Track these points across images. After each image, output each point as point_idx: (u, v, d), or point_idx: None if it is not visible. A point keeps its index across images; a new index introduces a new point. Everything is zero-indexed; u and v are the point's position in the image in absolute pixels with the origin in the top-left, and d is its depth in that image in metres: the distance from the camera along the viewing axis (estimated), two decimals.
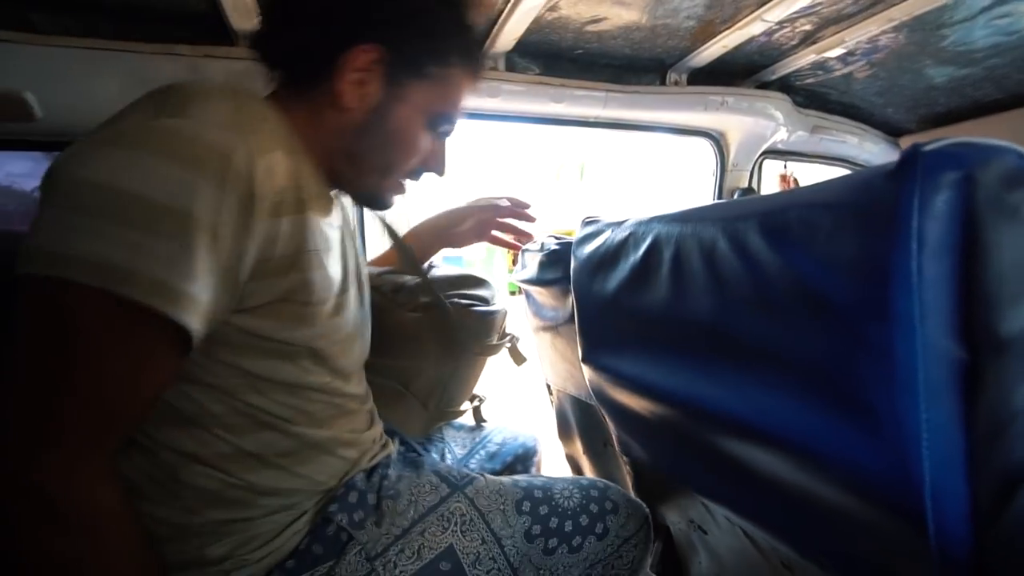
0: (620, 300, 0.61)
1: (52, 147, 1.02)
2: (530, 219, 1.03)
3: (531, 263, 0.97)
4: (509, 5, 0.95)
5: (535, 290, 0.99)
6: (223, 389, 0.56)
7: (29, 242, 0.43)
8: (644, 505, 0.74)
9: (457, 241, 1.01)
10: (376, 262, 1.02)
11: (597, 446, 1.01)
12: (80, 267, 0.42)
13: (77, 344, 0.44)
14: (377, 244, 1.14)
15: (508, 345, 0.93)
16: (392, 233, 0.87)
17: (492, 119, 1.29)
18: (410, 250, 0.86)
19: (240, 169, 0.47)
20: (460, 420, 1.02)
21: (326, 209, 0.63)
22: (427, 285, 0.85)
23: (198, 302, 0.46)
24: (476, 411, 0.99)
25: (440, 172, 0.72)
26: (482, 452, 0.97)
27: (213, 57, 0.94)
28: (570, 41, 1.15)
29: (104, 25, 0.90)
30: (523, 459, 1.01)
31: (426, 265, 0.97)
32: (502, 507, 0.69)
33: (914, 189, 0.30)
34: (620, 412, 0.69)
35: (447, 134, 0.69)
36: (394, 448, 0.80)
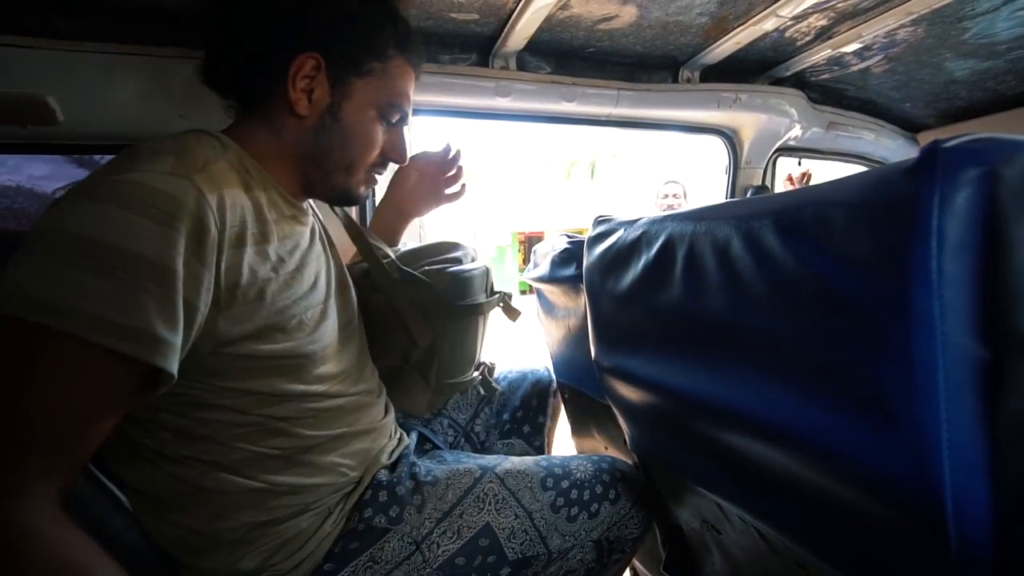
0: (633, 299, 0.61)
1: (73, 150, 1.04)
2: (457, 161, 1.04)
3: (543, 261, 0.97)
4: (520, 4, 0.95)
5: (547, 288, 0.99)
6: (234, 408, 0.59)
7: None
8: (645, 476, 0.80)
9: (414, 206, 1.02)
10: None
11: (609, 444, 1.01)
12: (36, 308, 0.44)
13: (23, 377, 0.45)
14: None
15: (499, 304, 0.92)
16: (346, 223, 0.87)
17: (503, 118, 1.29)
18: (360, 234, 0.86)
19: (190, 208, 0.50)
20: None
21: (296, 228, 0.67)
22: (379, 262, 0.85)
23: (151, 335, 0.47)
24: (484, 380, 0.99)
25: (401, 160, 0.77)
26: (486, 410, 0.99)
27: None
28: (581, 39, 1.15)
29: (123, 29, 0.92)
30: (539, 394, 1.04)
31: (400, 246, 0.99)
32: (529, 485, 0.76)
33: (934, 186, 0.30)
34: (633, 410, 0.69)
35: (402, 122, 0.74)
36: (411, 440, 0.83)
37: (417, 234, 1.64)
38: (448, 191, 1.03)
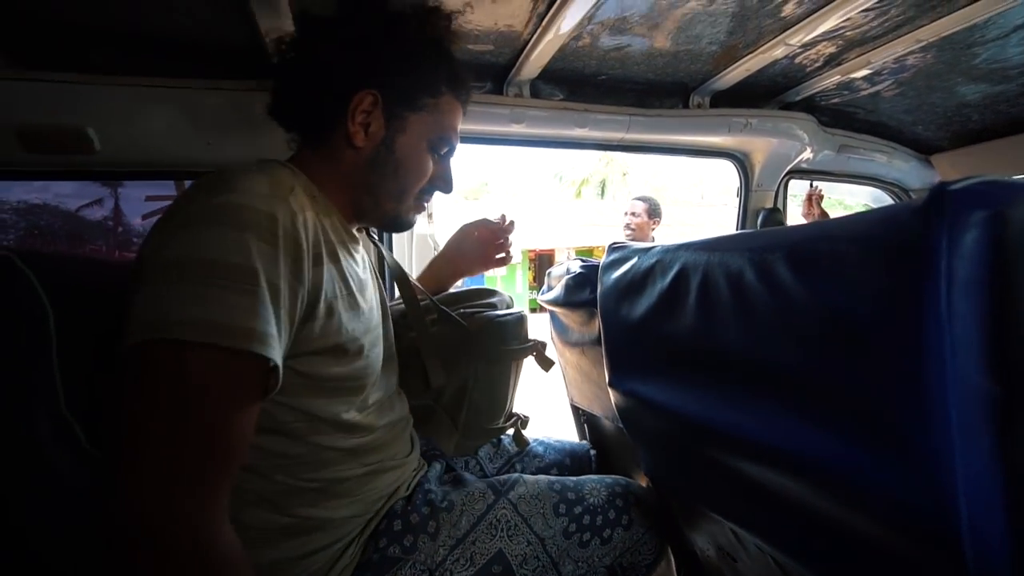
0: (647, 326, 0.62)
1: (108, 176, 1.08)
2: (511, 231, 1.09)
3: (556, 285, 0.98)
4: (535, 36, 0.99)
5: (561, 311, 1.00)
6: (283, 432, 0.61)
7: (131, 318, 0.49)
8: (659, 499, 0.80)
9: (466, 265, 1.08)
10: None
11: (622, 467, 1.01)
12: (180, 327, 0.47)
13: (191, 393, 0.48)
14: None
15: (532, 352, 0.92)
16: (392, 268, 0.91)
17: (518, 144, 1.32)
18: (402, 272, 0.91)
19: (287, 228, 0.54)
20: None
21: (354, 253, 0.71)
22: (416, 301, 0.89)
23: (276, 341, 0.52)
24: (517, 433, 0.99)
25: (447, 190, 0.80)
26: (518, 467, 0.98)
27: (255, 91, 1.00)
28: (594, 67, 1.18)
29: (156, 62, 0.97)
30: (572, 467, 1.01)
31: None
32: (542, 511, 0.76)
33: (942, 228, 0.31)
34: (647, 436, 0.69)
35: (449, 155, 0.79)
36: (436, 468, 0.84)
37: (431, 256, 1.67)
38: (497, 256, 1.08)
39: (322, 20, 0.70)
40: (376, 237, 0.91)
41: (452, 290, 1.05)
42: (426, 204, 0.80)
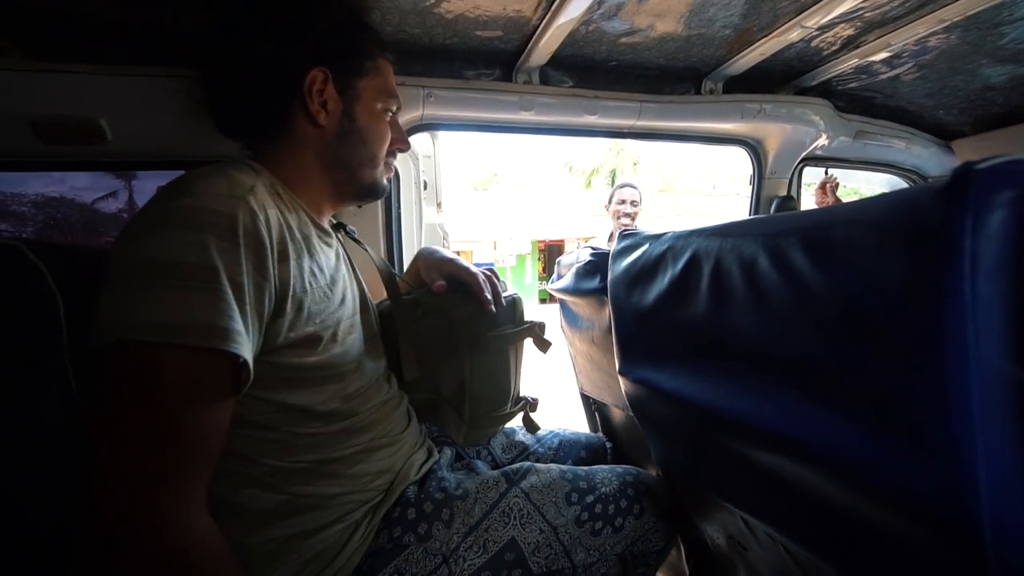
0: (658, 313, 0.61)
1: (120, 166, 1.09)
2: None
3: (567, 273, 0.98)
4: (544, 21, 0.97)
5: (571, 300, 1.00)
6: (265, 424, 0.62)
7: (96, 321, 0.51)
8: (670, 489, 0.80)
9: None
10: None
11: (633, 456, 1.01)
12: (141, 328, 0.49)
13: (154, 394, 0.50)
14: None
15: (528, 335, 0.91)
16: (378, 265, 0.92)
17: (527, 132, 1.31)
18: (387, 267, 0.92)
19: (247, 226, 0.55)
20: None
21: (324, 247, 0.73)
22: (399, 293, 0.90)
23: (243, 337, 0.53)
24: (526, 417, 0.98)
25: (405, 147, 0.85)
26: (532, 457, 0.98)
27: None
28: (604, 53, 1.16)
29: (168, 53, 0.97)
30: (587, 459, 1.01)
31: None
32: (554, 500, 0.77)
33: (967, 208, 0.30)
34: (657, 424, 0.69)
35: (396, 113, 0.82)
36: (445, 454, 0.84)
37: (441, 245, 1.67)
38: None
39: (249, 11, 0.70)
40: (355, 234, 0.91)
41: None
42: (392, 164, 0.84)
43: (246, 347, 0.53)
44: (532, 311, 0.94)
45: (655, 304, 0.62)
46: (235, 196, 0.56)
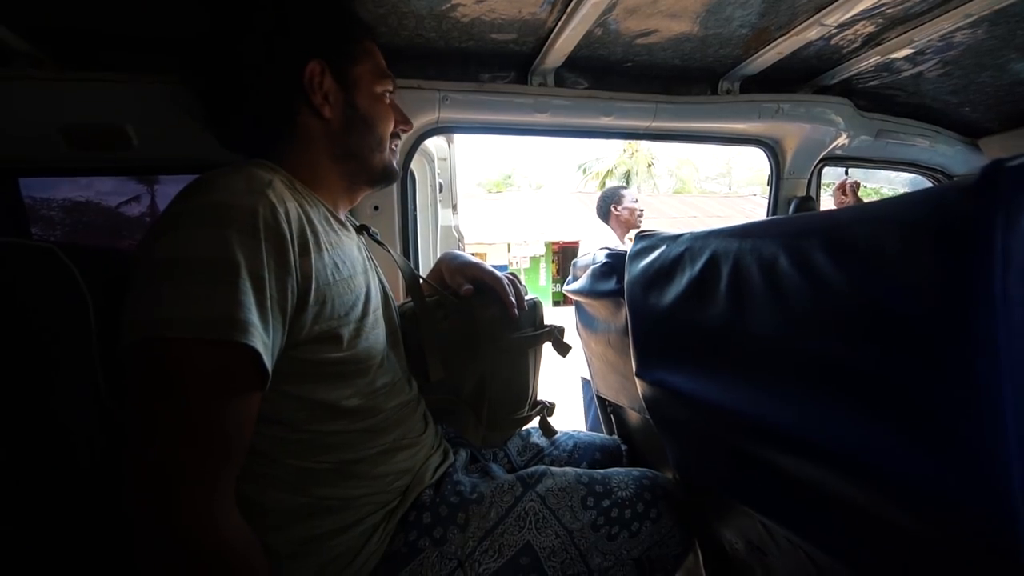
0: (676, 314, 0.61)
1: (145, 171, 1.12)
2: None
3: (582, 275, 0.97)
4: (559, 24, 0.97)
5: (587, 301, 0.99)
6: (288, 422, 0.62)
7: (123, 320, 0.52)
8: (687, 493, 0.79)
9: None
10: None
11: (649, 459, 1.00)
12: (164, 325, 0.50)
13: (181, 389, 0.50)
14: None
15: (547, 339, 0.91)
16: (401, 267, 0.93)
17: (542, 134, 1.31)
18: (410, 269, 0.93)
19: (268, 220, 0.56)
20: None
21: (344, 241, 0.72)
22: (422, 295, 0.90)
23: (262, 332, 0.53)
24: (543, 421, 0.98)
25: (408, 126, 0.85)
26: (547, 460, 0.98)
27: None
28: (619, 55, 1.16)
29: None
30: (603, 461, 1.00)
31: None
32: (570, 504, 0.76)
33: (998, 206, 0.29)
34: (675, 427, 0.68)
35: (392, 95, 0.82)
36: (461, 456, 0.84)
37: (456, 247, 1.68)
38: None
39: (233, 12, 0.70)
40: (378, 236, 0.92)
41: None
42: (397, 146, 0.84)
43: (261, 341, 0.53)
44: (546, 314, 0.94)
45: (673, 305, 0.61)
46: (254, 191, 0.57)
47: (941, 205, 0.33)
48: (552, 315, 0.91)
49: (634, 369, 0.72)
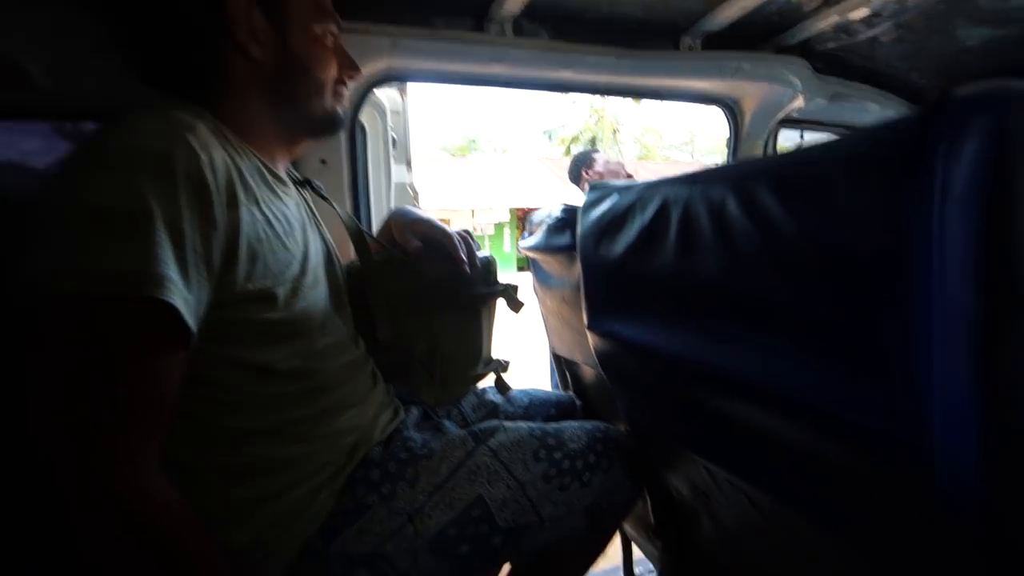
0: (626, 264, 0.60)
1: (50, 116, 1.00)
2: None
3: (538, 230, 0.95)
4: None
5: (542, 258, 0.98)
6: (220, 383, 0.59)
7: (23, 271, 0.47)
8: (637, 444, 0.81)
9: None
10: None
11: (603, 413, 1.01)
12: (73, 279, 0.45)
13: (93, 350, 0.46)
14: None
15: (500, 296, 0.89)
16: (348, 223, 0.88)
17: (499, 85, 1.25)
18: (356, 225, 0.88)
19: (188, 168, 0.50)
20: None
21: (280, 195, 0.67)
22: (369, 253, 0.86)
23: (179, 286, 0.48)
24: (498, 378, 0.97)
25: (355, 70, 0.77)
26: (502, 416, 0.98)
27: None
28: (580, 3, 1.11)
29: None
30: (558, 417, 1.01)
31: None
32: (522, 457, 0.75)
33: (940, 135, 0.28)
34: (625, 378, 0.68)
35: (335, 32, 0.74)
36: (412, 414, 0.83)
37: (411, 205, 1.62)
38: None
39: None
40: (324, 191, 0.87)
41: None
42: (344, 91, 0.77)
43: (185, 297, 0.49)
44: (511, 279, 0.92)
45: (624, 255, 0.60)
46: (173, 135, 0.51)
47: (886, 137, 0.32)
48: (517, 279, 0.89)
49: (585, 322, 0.71)
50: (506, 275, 0.93)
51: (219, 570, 0.54)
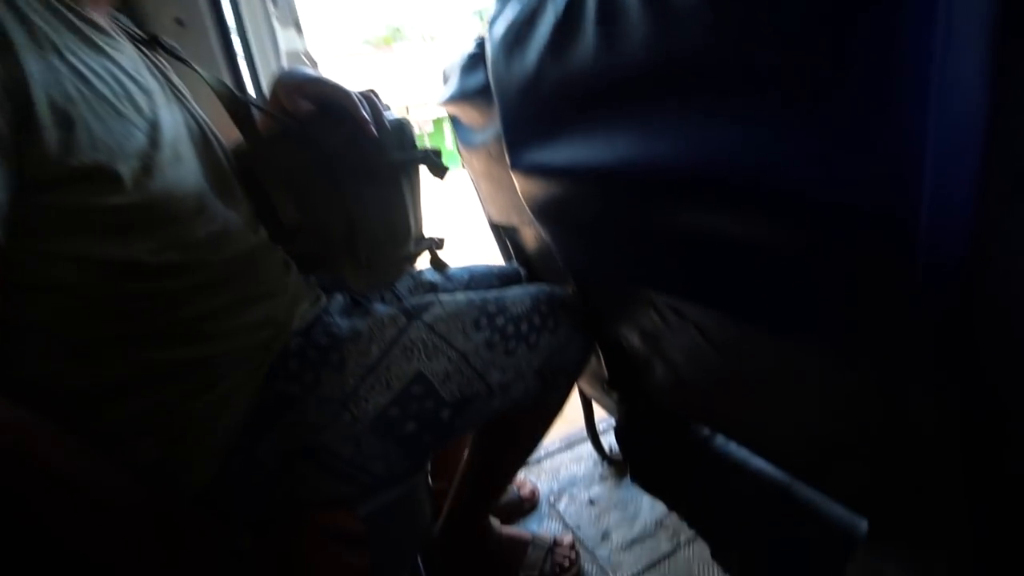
0: (542, 75, 0.48)
1: None
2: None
3: (452, 76, 0.81)
4: None
5: (461, 110, 0.84)
6: (75, 287, 0.49)
7: None
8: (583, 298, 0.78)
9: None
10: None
11: (549, 279, 0.96)
12: None
13: None
14: None
15: (420, 161, 0.79)
16: (217, 89, 0.71)
17: None
18: (226, 88, 0.72)
19: None
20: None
21: (102, 48, 0.54)
22: (252, 123, 0.72)
23: None
24: (433, 256, 0.90)
25: None
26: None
27: None
28: None
29: None
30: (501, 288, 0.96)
31: None
32: (461, 327, 0.71)
33: None
34: (556, 216, 0.60)
35: None
36: (337, 300, 0.75)
37: None
38: None
39: None
40: (178, 51, 0.69)
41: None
42: None
43: None
44: (456, 177, 0.79)
45: (538, 64, 0.49)
46: None
47: None
48: (462, 176, 0.76)
49: (508, 162, 0.61)
50: (449, 174, 0.81)
51: (107, 488, 0.48)
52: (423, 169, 0.83)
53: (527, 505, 1.26)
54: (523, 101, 0.53)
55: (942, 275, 0.27)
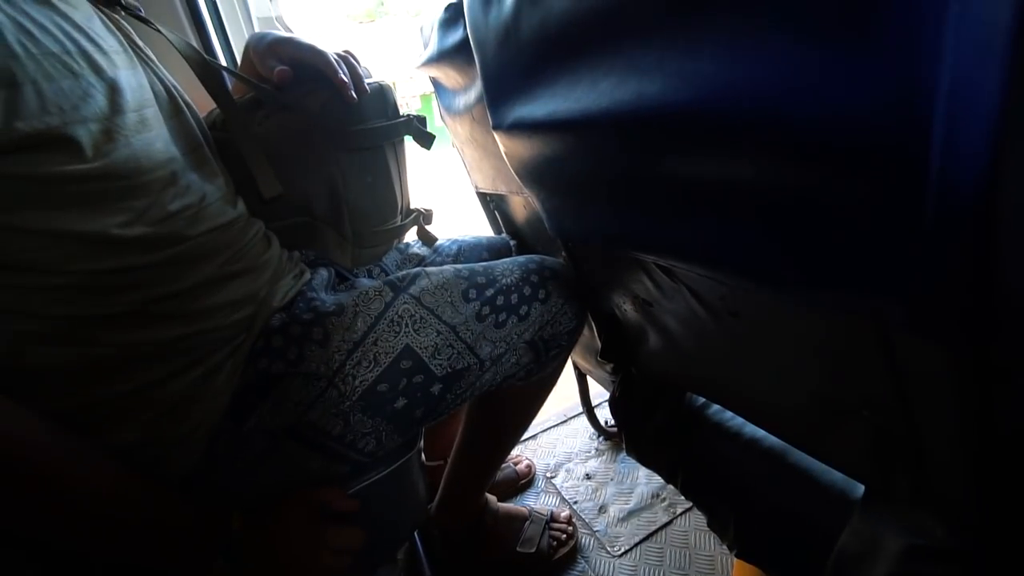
0: (521, 20, 0.45)
1: None
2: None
3: (431, 35, 0.76)
4: None
5: (441, 72, 0.80)
6: (37, 265, 0.46)
7: None
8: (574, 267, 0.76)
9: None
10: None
11: (540, 249, 0.94)
12: None
13: None
14: None
15: (405, 130, 0.77)
16: (185, 52, 0.68)
17: None
18: (197, 55, 0.68)
19: None
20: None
21: (53, 3, 0.49)
22: (223, 98, 0.69)
23: None
24: (421, 230, 0.87)
25: None
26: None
27: None
28: None
29: None
30: (491, 259, 0.94)
31: None
32: (450, 299, 0.69)
33: None
34: (544, 179, 0.57)
35: None
36: (321, 275, 0.73)
37: None
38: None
39: None
40: (139, 10, 0.64)
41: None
42: None
43: None
44: (445, 154, 0.76)
45: (515, 8, 0.45)
46: None
47: None
48: (454, 155, 0.73)
49: (491, 123, 0.58)
50: (438, 149, 0.78)
51: (89, 475, 0.47)
52: (408, 140, 0.80)
53: (523, 481, 1.26)
54: (502, 52, 0.50)
55: (955, 217, 0.24)
